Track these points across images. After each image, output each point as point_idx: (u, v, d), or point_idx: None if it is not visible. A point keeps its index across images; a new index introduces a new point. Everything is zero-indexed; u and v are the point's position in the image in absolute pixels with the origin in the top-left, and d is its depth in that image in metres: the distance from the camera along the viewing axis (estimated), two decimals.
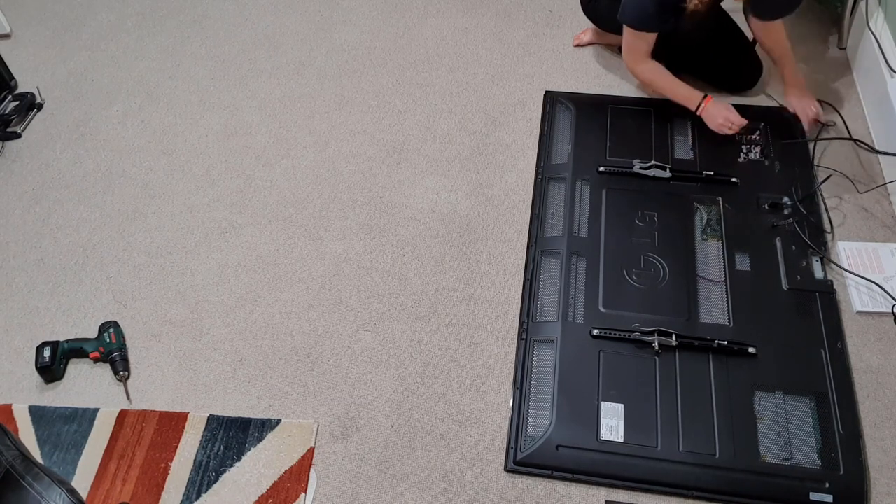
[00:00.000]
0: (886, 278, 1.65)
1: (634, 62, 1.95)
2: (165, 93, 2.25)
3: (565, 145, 1.98)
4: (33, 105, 2.21)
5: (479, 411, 1.55)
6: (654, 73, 1.94)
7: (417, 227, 1.86)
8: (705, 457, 1.43)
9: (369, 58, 2.30)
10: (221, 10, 2.50)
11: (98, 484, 1.48)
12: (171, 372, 1.64)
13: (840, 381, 1.51)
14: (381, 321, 1.70)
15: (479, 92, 2.17)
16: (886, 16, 1.96)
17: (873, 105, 1.97)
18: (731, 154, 1.88)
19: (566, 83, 2.17)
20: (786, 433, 1.45)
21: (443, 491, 1.45)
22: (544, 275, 1.73)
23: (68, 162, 2.08)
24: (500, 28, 2.36)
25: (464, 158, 2.00)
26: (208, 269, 1.82)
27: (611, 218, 1.79)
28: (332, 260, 1.81)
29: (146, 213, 1.94)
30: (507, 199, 1.90)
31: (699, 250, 1.73)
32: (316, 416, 1.56)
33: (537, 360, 1.59)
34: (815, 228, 1.74)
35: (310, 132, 2.10)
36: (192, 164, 2.05)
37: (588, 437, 1.46)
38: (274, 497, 1.45)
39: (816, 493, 1.37)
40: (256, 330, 1.70)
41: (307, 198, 1.94)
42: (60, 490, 1.02)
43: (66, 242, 1.89)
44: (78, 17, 2.51)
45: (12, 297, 1.79)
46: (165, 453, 1.52)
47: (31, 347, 1.67)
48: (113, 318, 1.72)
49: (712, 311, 1.62)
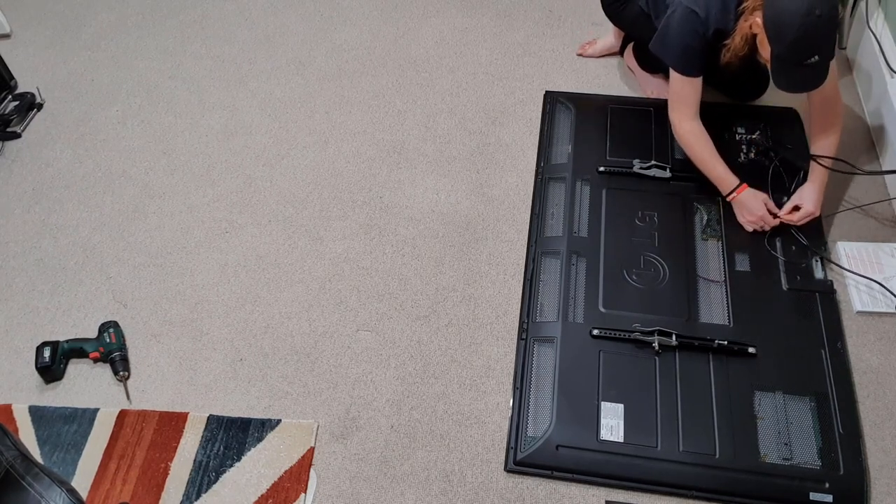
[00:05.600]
0: (886, 278, 1.65)
1: (681, 117, 1.74)
2: (165, 93, 2.25)
3: (565, 145, 1.98)
4: (33, 105, 2.21)
5: (479, 411, 1.55)
6: (699, 139, 1.74)
7: (417, 227, 1.86)
8: (705, 457, 1.43)
9: (369, 58, 2.30)
10: (221, 10, 2.50)
11: (98, 484, 1.48)
12: (171, 372, 1.64)
13: (840, 381, 1.51)
14: (381, 321, 1.70)
15: (479, 92, 2.17)
16: (886, 16, 1.96)
17: (873, 105, 1.97)
18: (731, 154, 1.88)
19: (566, 83, 2.17)
20: (786, 433, 1.45)
21: (443, 491, 1.45)
22: (544, 275, 1.73)
23: (68, 162, 2.08)
24: (500, 28, 2.36)
25: (464, 158, 2.00)
26: (208, 269, 1.82)
27: (611, 218, 1.79)
28: (332, 260, 1.81)
29: (146, 213, 1.94)
30: (507, 199, 1.90)
31: (699, 250, 1.73)
32: (316, 416, 1.56)
33: (537, 360, 1.59)
34: (815, 228, 1.74)
35: (310, 132, 2.10)
36: (192, 164, 2.05)
37: (588, 437, 1.46)
38: (274, 497, 1.45)
39: (816, 493, 1.37)
40: (256, 330, 1.70)
41: (307, 198, 1.94)
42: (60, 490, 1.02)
43: (66, 242, 1.89)
44: (78, 17, 2.51)
45: (12, 297, 1.79)
46: (165, 453, 1.52)
47: (31, 347, 1.67)
48: (113, 318, 1.72)
49: (712, 311, 1.62)
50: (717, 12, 1.60)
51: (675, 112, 1.76)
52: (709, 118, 1.75)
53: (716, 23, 1.61)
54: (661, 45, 1.71)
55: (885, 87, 1.89)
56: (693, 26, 1.62)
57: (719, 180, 1.75)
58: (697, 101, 1.73)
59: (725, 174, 1.73)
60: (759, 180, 1.81)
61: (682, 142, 1.77)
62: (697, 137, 1.74)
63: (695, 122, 1.74)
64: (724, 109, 2.00)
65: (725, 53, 1.63)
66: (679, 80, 1.71)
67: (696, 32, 1.62)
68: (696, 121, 1.74)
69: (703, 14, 1.60)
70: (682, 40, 1.65)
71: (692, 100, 1.72)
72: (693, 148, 1.75)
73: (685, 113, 1.74)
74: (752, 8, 1.52)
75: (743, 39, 1.58)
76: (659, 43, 1.72)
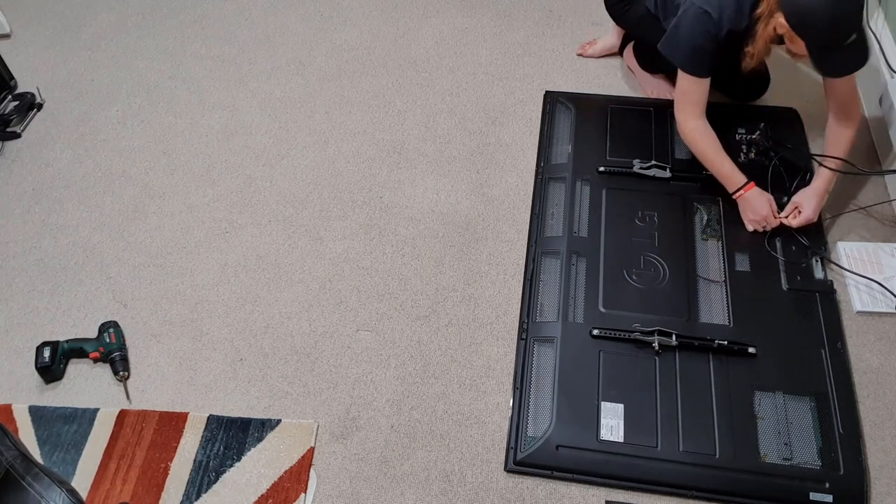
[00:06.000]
0: (886, 278, 1.65)
1: (687, 115, 1.73)
2: (165, 93, 2.25)
3: (565, 145, 1.98)
4: (33, 105, 2.21)
5: (479, 411, 1.55)
6: (705, 137, 1.73)
7: (417, 227, 1.86)
8: (705, 457, 1.43)
9: (369, 58, 2.30)
10: (221, 10, 2.50)
11: (98, 484, 1.48)
12: (171, 372, 1.64)
13: (840, 381, 1.51)
14: (381, 321, 1.70)
15: (479, 92, 2.17)
16: (886, 16, 1.96)
17: (873, 105, 1.97)
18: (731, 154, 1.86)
19: (566, 83, 2.17)
20: (786, 433, 1.45)
21: (443, 491, 1.45)
22: (544, 275, 1.73)
23: (68, 162, 2.08)
24: (500, 28, 2.36)
25: (464, 158, 2.00)
26: (208, 269, 1.82)
27: (611, 218, 1.79)
28: (332, 260, 1.81)
29: (146, 213, 1.94)
30: (507, 199, 1.90)
31: (699, 250, 1.73)
32: (316, 416, 1.56)
33: (537, 360, 1.59)
34: (815, 228, 1.74)
35: (310, 132, 2.10)
36: (192, 164, 2.05)
37: (588, 437, 1.46)
38: (274, 497, 1.45)
39: (816, 493, 1.37)
40: (256, 330, 1.70)
41: (307, 198, 1.94)
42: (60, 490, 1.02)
43: (66, 242, 1.89)
44: (78, 17, 2.51)
45: (12, 297, 1.79)
46: (165, 453, 1.52)
47: (31, 347, 1.67)
48: (113, 318, 1.72)
49: (712, 311, 1.62)
50: (731, 13, 1.58)
51: (681, 111, 1.75)
52: (709, 118, 1.75)
53: (729, 23, 1.59)
54: (671, 46, 1.69)
55: (885, 87, 1.89)
56: (706, 27, 1.60)
57: (726, 178, 1.74)
58: (704, 100, 1.72)
59: (732, 172, 1.73)
60: (759, 180, 1.81)
61: (688, 140, 1.76)
62: (703, 135, 1.73)
63: (701, 120, 1.73)
64: (724, 109, 1.99)
65: (749, 61, 1.61)
66: (687, 80, 1.69)
67: (708, 33, 1.61)
68: (702, 119, 1.73)
69: (716, 15, 1.58)
70: (692, 41, 1.63)
71: (699, 99, 1.71)
72: (699, 146, 1.74)
73: (692, 112, 1.73)
74: (770, 12, 1.51)
75: (766, 43, 1.56)
76: (668, 43, 1.70)
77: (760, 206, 1.71)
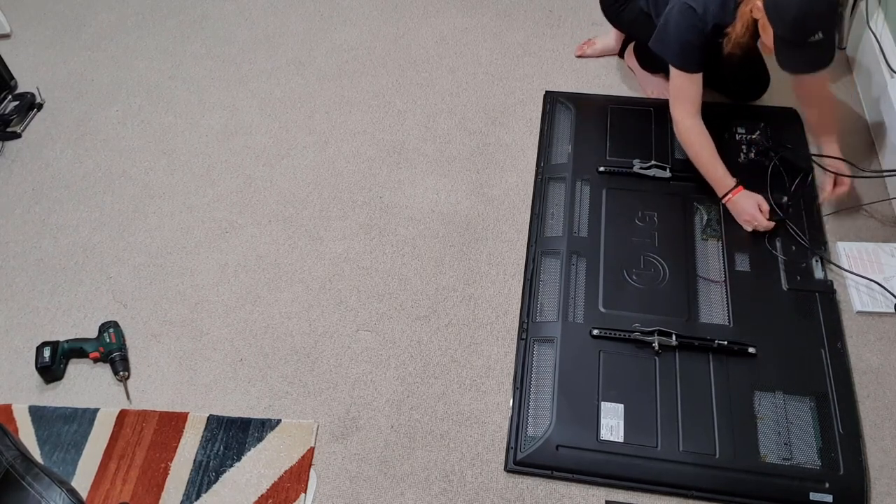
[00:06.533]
0: (886, 278, 1.65)
1: (683, 114, 1.74)
2: (165, 93, 2.25)
3: (565, 145, 1.98)
4: (33, 105, 2.21)
5: (479, 411, 1.55)
6: (699, 138, 1.73)
7: (417, 227, 1.86)
8: (705, 457, 1.43)
9: (369, 58, 2.30)
10: (221, 10, 2.50)
11: (98, 484, 1.48)
12: (171, 372, 1.64)
13: (840, 381, 1.51)
14: (381, 321, 1.70)
15: (479, 92, 2.17)
16: (886, 16, 1.96)
17: (873, 105, 1.97)
18: (731, 154, 1.88)
19: (566, 83, 2.17)
20: (786, 433, 1.45)
21: (443, 491, 1.45)
22: (544, 275, 1.73)
23: (68, 162, 2.08)
24: (500, 28, 2.36)
25: (464, 158, 2.00)
26: (208, 269, 1.82)
27: (611, 218, 1.79)
28: (332, 260, 1.81)
29: (146, 213, 1.94)
30: (507, 199, 1.90)
31: (699, 250, 1.73)
32: (316, 416, 1.56)
33: (537, 360, 1.59)
34: (814, 228, 1.74)
35: (310, 132, 2.10)
36: (192, 164, 2.05)
37: (588, 437, 1.46)
38: (274, 497, 1.45)
39: (816, 493, 1.37)
40: (256, 330, 1.70)
41: (307, 198, 1.94)
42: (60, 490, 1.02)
43: (66, 242, 1.89)
44: (78, 17, 2.51)
45: (12, 297, 1.79)
46: (165, 453, 1.52)
47: (31, 347, 1.67)
48: (113, 318, 1.72)
49: (712, 311, 1.62)
50: (716, 8, 1.61)
51: (676, 109, 1.76)
52: (709, 118, 1.75)
53: (714, 18, 1.62)
54: (660, 42, 1.72)
55: (885, 87, 1.89)
56: (691, 22, 1.63)
57: (716, 181, 1.75)
58: (698, 97, 1.73)
59: (723, 177, 1.73)
60: (759, 180, 1.81)
61: (683, 139, 1.77)
62: (698, 136, 1.74)
63: (696, 119, 1.74)
64: (724, 109, 2.00)
65: (727, 44, 1.63)
66: (679, 76, 1.71)
67: (694, 28, 1.63)
68: (697, 118, 1.74)
69: (700, 10, 1.61)
70: (679, 36, 1.66)
71: (693, 96, 1.72)
72: (693, 147, 1.75)
73: (686, 110, 1.73)
74: None
75: (744, 26, 1.58)
76: (658, 40, 1.73)
77: (747, 206, 1.72)
